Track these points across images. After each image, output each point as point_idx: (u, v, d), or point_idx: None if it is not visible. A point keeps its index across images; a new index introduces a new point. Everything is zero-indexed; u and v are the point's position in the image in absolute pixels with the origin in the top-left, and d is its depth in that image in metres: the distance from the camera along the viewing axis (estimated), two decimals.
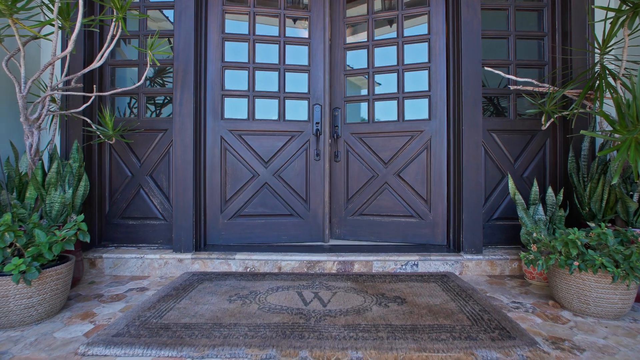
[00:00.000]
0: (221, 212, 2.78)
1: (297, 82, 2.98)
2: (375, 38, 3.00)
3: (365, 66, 3.00)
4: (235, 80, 2.81)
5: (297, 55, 2.98)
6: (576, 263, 1.58)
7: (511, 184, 2.26)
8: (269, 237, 2.89)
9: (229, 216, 2.82)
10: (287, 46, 2.94)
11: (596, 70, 2.01)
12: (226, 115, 2.81)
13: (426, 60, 2.81)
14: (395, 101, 2.91)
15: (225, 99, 2.81)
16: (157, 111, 2.89)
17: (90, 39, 2.49)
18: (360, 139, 2.98)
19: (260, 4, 2.94)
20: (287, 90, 2.93)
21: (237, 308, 1.73)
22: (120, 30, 2.01)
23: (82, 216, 1.79)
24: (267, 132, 2.89)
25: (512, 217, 2.58)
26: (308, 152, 2.93)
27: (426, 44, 2.82)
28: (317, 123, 2.92)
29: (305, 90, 2.97)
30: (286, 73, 2.94)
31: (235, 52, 2.82)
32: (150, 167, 2.61)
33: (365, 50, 3.00)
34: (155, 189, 2.62)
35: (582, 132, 1.74)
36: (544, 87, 2.25)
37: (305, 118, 2.96)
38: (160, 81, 2.91)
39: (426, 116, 2.80)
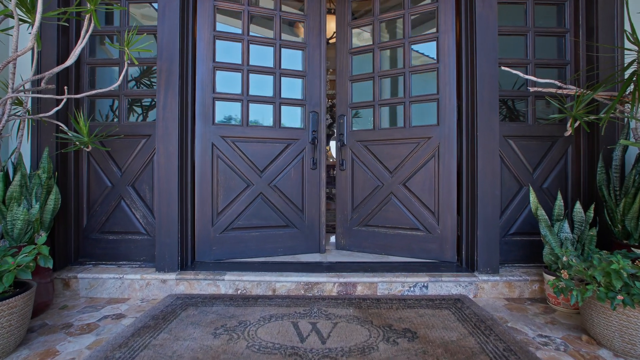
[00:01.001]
0: (212, 225, 2.55)
1: (293, 88, 2.80)
2: (381, 40, 2.81)
3: (371, 70, 2.82)
4: (228, 83, 2.57)
5: (293, 59, 2.80)
6: (620, 297, 1.34)
7: (533, 197, 2.02)
8: (264, 250, 2.68)
9: (221, 229, 2.59)
10: (282, 49, 2.75)
11: (632, 68, 1.77)
12: (218, 120, 2.58)
13: (434, 61, 2.58)
14: (402, 106, 2.70)
15: (217, 102, 2.58)
16: (144, 114, 2.65)
17: (65, 35, 2.25)
18: (366, 147, 2.80)
19: (255, 5, 2.72)
20: (282, 95, 2.74)
21: (222, 346, 1.49)
22: (93, 25, 1.78)
23: (44, 237, 1.55)
24: (262, 139, 2.68)
25: (531, 232, 2.34)
26: (304, 161, 2.76)
27: (434, 43, 2.59)
28: (313, 131, 2.76)
29: (301, 96, 2.81)
30: (282, 78, 2.75)
31: (227, 52, 2.58)
32: (132, 176, 2.37)
33: (371, 54, 2.83)
34: (137, 200, 2.38)
35: (621, 141, 1.50)
36: (569, 89, 2.02)
37: (302, 125, 2.79)
38: (148, 82, 2.67)
39: (434, 121, 2.56)
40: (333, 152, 6.16)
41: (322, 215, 2.80)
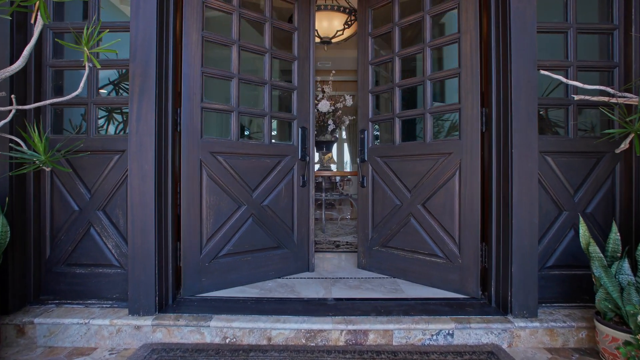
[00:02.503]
0: (201, 254, 2.21)
1: (283, 101, 2.72)
2: (401, 49, 2.53)
3: (390, 82, 2.58)
4: (216, 92, 2.23)
5: (285, 71, 2.70)
6: None
7: (583, 230, 1.67)
8: (255, 275, 2.43)
9: (210, 257, 2.25)
10: (274, 60, 2.54)
11: None
12: (206, 134, 2.23)
13: (455, 66, 2.24)
14: (421, 119, 2.39)
15: (205, 113, 2.23)
16: (120, 126, 2.30)
17: (20, 33, 1.89)
18: (385, 163, 2.57)
19: (246, 7, 2.40)
20: (273, 108, 2.54)
21: None
22: (40, 20, 1.42)
23: None
24: (253, 156, 2.40)
25: (573, 264, 2.00)
26: (294, 179, 2.61)
27: (455, 45, 2.25)
28: (304, 147, 2.60)
29: (291, 110, 2.63)
30: (272, 90, 2.52)
31: (215, 58, 2.24)
32: (103, 199, 2.02)
33: (390, 63, 2.58)
34: (109, 227, 2.02)
35: None
36: (629, 98, 1.66)
37: (292, 141, 2.63)
38: (128, 87, 2.32)
39: (455, 135, 2.23)
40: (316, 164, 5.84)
41: (311, 234, 2.70)
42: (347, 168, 14.21)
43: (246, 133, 2.56)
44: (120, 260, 2.02)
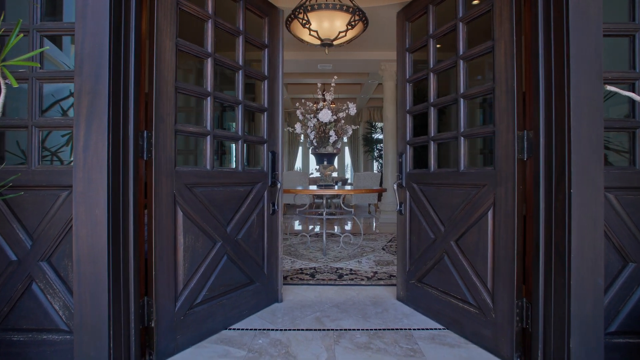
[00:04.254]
0: (176, 307, 1.83)
1: (254, 123, 2.40)
2: (436, 63, 2.23)
3: (427, 100, 2.30)
4: (187, 113, 1.82)
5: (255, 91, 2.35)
6: None
7: None
8: (230, 318, 2.15)
9: (186, 308, 1.88)
10: (247, 78, 2.27)
11: None
12: (180, 163, 1.84)
13: (490, 82, 1.84)
14: (455, 142, 2.04)
15: (178, 137, 1.83)
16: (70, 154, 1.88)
17: None
18: (421, 191, 2.36)
19: (221, 16, 2.02)
20: (243, 131, 2.27)
21: None
22: None
23: None
24: (229, 184, 2.11)
25: None
26: (265, 207, 2.40)
27: (490, 55, 1.85)
28: (273, 173, 2.41)
29: (261, 133, 2.41)
30: (244, 111, 2.27)
31: (186, 72, 1.84)
32: (48, 247, 1.60)
33: (425, 80, 2.30)
34: (56, 282, 1.60)
35: None
36: None
37: (262, 166, 2.42)
38: None
39: (489, 164, 1.83)
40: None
41: (280, 263, 2.53)
42: (348, 172, 13.82)
43: (220, 163, 2.22)
44: (70, 324, 1.60)
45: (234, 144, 2.26)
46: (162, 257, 1.76)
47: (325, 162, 4.17)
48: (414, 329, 2.11)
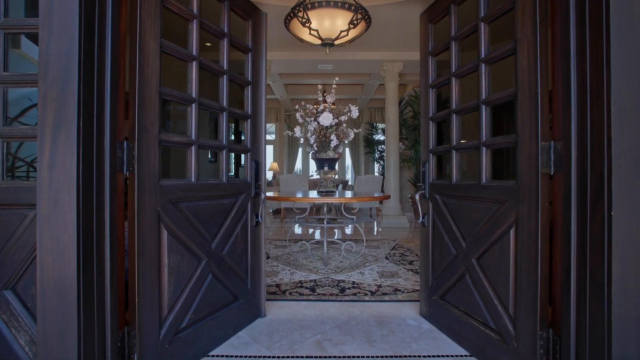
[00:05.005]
0: (161, 335, 1.66)
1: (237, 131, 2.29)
2: (458, 67, 2.08)
3: (449, 107, 2.16)
4: (170, 120, 1.64)
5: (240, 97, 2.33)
6: None
7: None
8: (215, 339, 1.98)
9: (171, 335, 1.70)
10: (232, 83, 2.11)
11: None
12: (164, 176, 1.65)
13: (513, 87, 1.66)
14: (477, 152, 1.87)
15: (161, 147, 1.64)
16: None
17: None
18: (444, 203, 2.21)
19: (205, 16, 1.84)
20: (227, 140, 2.14)
21: None
22: None
23: None
24: (214, 197, 1.97)
25: None
26: (248, 219, 2.26)
27: (513, 57, 1.67)
28: (257, 183, 2.29)
29: (244, 142, 2.29)
30: (228, 118, 2.12)
31: (169, 77, 1.68)
32: (12, 273, 1.41)
33: (448, 85, 2.15)
34: (21, 314, 1.41)
35: None
36: None
37: (245, 176, 2.28)
38: None
39: (512, 177, 1.65)
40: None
41: (263, 277, 2.40)
42: (349, 173, 13.63)
43: (204, 175, 2.06)
44: None
45: (217, 153, 2.08)
46: (146, 282, 1.58)
47: (326, 168, 3.98)
48: (423, 356, 1.93)
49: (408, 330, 2.24)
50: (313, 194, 4.20)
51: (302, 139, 4.02)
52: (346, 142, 4.79)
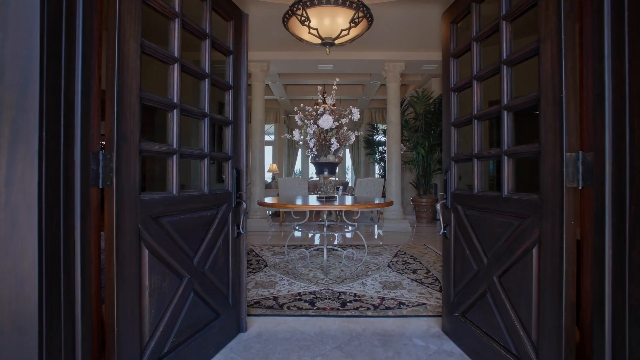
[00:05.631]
0: None
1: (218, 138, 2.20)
2: (480, 69, 1.93)
3: (470, 112, 2.01)
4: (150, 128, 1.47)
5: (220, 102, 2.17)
6: None
7: None
8: None
9: None
10: (213, 88, 1.97)
11: None
12: (143, 189, 1.49)
13: (535, 92, 1.50)
14: (496, 162, 1.71)
15: (142, 157, 1.48)
16: None
17: None
18: (465, 214, 2.07)
19: (187, 16, 1.68)
20: (210, 147, 2.00)
21: None
22: None
23: None
24: (196, 210, 1.81)
25: None
26: (229, 231, 2.11)
27: (536, 59, 1.51)
28: (238, 193, 2.15)
29: (225, 149, 2.13)
30: (209, 124, 1.99)
31: (148, 80, 1.52)
32: None
33: (469, 89, 2.01)
34: None
35: None
36: None
37: (226, 186, 2.13)
38: None
39: (534, 190, 1.49)
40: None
41: (245, 290, 2.28)
42: (349, 174, 13.46)
43: (183, 182, 1.91)
44: None
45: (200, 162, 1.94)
46: (126, 308, 1.41)
47: (326, 172, 3.81)
48: None
49: (415, 352, 2.08)
50: (313, 199, 4.03)
51: (301, 142, 3.85)
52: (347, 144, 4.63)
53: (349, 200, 4.09)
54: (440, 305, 2.77)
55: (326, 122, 3.53)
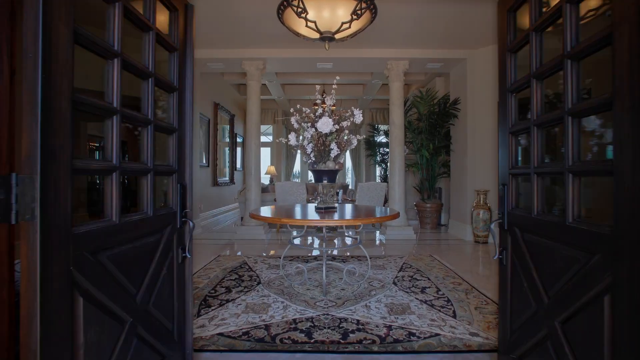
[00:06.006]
0: None
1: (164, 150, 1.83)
2: (539, 66, 1.57)
3: (529, 117, 1.67)
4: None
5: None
6: None
7: None
8: None
9: None
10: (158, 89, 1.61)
11: None
12: (77, 220, 1.12)
13: (608, 92, 1.13)
14: (562, 179, 1.36)
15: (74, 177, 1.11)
16: None
17: None
18: (523, 239, 1.71)
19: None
20: (153, 160, 1.63)
21: None
22: None
23: None
24: (138, 237, 1.48)
25: None
26: (174, 256, 1.77)
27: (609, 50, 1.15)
28: (183, 211, 1.83)
29: (171, 162, 1.78)
30: (154, 132, 1.63)
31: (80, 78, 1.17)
32: None
33: (528, 90, 1.65)
34: None
35: None
36: None
37: (170, 204, 1.80)
38: None
39: (605, 222, 1.12)
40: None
41: (190, 322, 1.92)
42: (349, 175, 13.09)
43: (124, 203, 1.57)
44: None
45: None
46: None
47: (325, 181, 3.44)
48: None
49: None
50: (311, 209, 3.67)
51: (298, 147, 3.48)
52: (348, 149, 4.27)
53: (349, 210, 3.73)
54: (455, 337, 2.43)
55: (325, 125, 3.17)
